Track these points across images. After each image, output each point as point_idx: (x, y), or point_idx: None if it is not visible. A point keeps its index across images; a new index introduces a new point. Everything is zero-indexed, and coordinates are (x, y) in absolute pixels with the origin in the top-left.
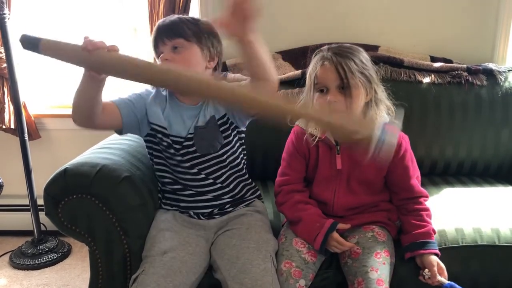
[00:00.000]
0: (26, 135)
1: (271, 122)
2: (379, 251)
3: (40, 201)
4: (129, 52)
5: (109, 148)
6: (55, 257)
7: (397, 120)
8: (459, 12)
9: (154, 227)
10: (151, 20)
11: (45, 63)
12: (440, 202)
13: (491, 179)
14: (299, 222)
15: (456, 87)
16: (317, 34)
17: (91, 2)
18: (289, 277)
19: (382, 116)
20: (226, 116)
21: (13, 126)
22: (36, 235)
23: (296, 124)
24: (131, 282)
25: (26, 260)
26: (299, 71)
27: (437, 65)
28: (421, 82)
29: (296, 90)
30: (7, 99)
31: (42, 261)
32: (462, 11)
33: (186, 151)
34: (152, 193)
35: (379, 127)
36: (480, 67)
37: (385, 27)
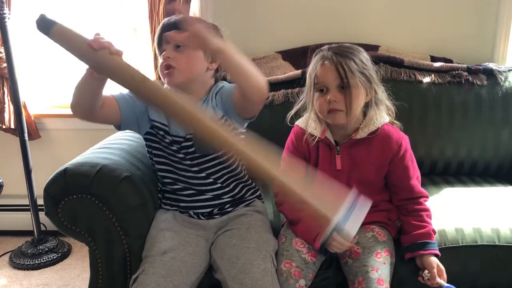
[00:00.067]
0: (26, 135)
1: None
2: (379, 251)
3: (40, 201)
4: (129, 51)
5: (109, 148)
6: (55, 257)
7: (362, 210)
8: (459, 12)
9: (154, 227)
10: (151, 20)
11: (45, 63)
12: (440, 202)
13: (491, 179)
14: (299, 222)
15: (456, 87)
16: (317, 34)
17: (91, 2)
18: (289, 277)
19: (382, 116)
20: (224, 117)
21: (13, 126)
22: (36, 235)
23: (296, 124)
24: (131, 282)
25: (26, 260)
26: (299, 71)
27: (437, 65)
28: (421, 82)
29: (296, 90)
30: (7, 99)
31: (42, 261)
32: (462, 11)
33: (186, 151)
34: (152, 193)
35: (343, 215)
36: (480, 67)
37: (385, 27)
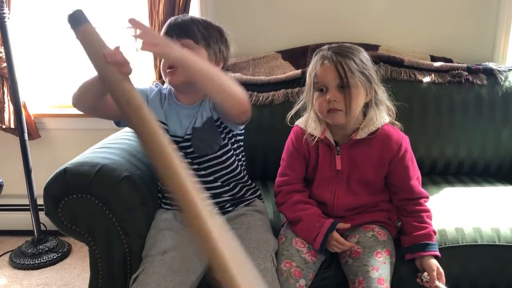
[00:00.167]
0: (26, 134)
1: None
2: (379, 251)
3: (40, 201)
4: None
5: (109, 148)
6: (55, 257)
7: None
8: (459, 11)
9: (154, 226)
10: (151, 20)
11: (45, 63)
12: (440, 202)
13: (491, 179)
14: (299, 222)
15: (456, 86)
16: (317, 34)
17: (91, 2)
18: (289, 277)
19: (382, 116)
20: (220, 120)
21: (13, 126)
22: (36, 234)
23: (296, 124)
24: (131, 281)
25: (26, 260)
26: (299, 71)
27: (437, 64)
28: (421, 82)
29: (296, 89)
30: (7, 98)
31: (42, 260)
32: (462, 10)
33: (185, 151)
34: (152, 193)
35: None
36: (480, 66)
37: (385, 27)
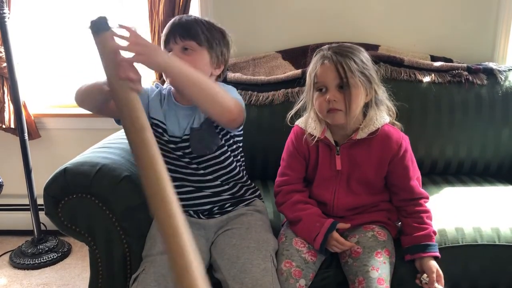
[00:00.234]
0: (26, 134)
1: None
2: (379, 251)
3: (40, 201)
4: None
5: (109, 148)
6: (55, 257)
7: None
8: (460, 11)
9: (154, 226)
10: (151, 20)
11: (45, 62)
12: (440, 202)
13: (491, 179)
14: (299, 222)
15: (457, 86)
16: (317, 33)
17: (91, 2)
18: (289, 276)
19: (383, 116)
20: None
21: (13, 126)
22: (36, 234)
23: (296, 124)
24: (131, 281)
25: (26, 259)
26: (299, 71)
27: (437, 64)
28: (421, 82)
29: (296, 89)
30: (7, 98)
31: (42, 260)
32: (463, 10)
33: (183, 151)
34: None
35: None
36: (481, 66)
37: (385, 27)
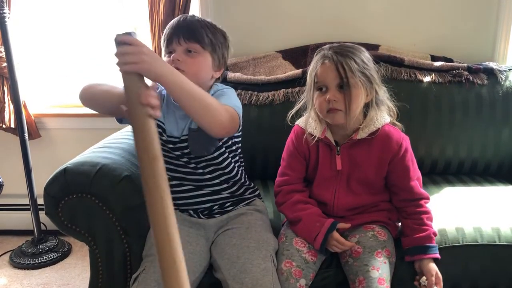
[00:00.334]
0: (26, 134)
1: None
2: (380, 250)
3: (40, 201)
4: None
5: (109, 147)
6: (55, 257)
7: None
8: (460, 11)
9: None
10: (151, 20)
11: (45, 62)
12: (441, 201)
13: (491, 178)
14: (299, 221)
15: (457, 86)
16: (317, 33)
17: (91, 2)
18: (289, 276)
19: (383, 116)
20: None
21: (13, 126)
22: (36, 234)
23: (296, 123)
24: (131, 281)
25: (26, 259)
26: (299, 70)
27: (437, 64)
28: (421, 81)
29: (297, 89)
30: (7, 98)
31: (42, 260)
32: (463, 10)
33: (181, 152)
34: None
35: None
36: (481, 66)
37: (385, 26)
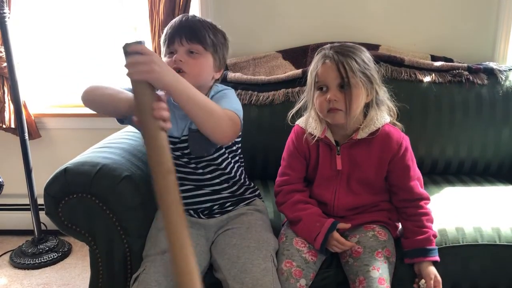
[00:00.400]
0: (26, 134)
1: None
2: (380, 250)
3: (40, 201)
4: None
5: (109, 148)
6: (55, 257)
7: None
8: (460, 11)
9: (155, 226)
10: (151, 19)
11: (45, 62)
12: (441, 201)
13: (491, 178)
14: (299, 221)
15: (457, 86)
16: (317, 33)
17: (91, 1)
18: (289, 276)
19: (383, 116)
20: None
21: (13, 126)
22: (36, 234)
23: (297, 123)
24: (132, 281)
25: (27, 259)
26: (299, 70)
27: (437, 64)
28: (421, 81)
29: (297, 89)
30: (7, 98)
31: (43, 260)
32: (463, 10)
33: (181, 152)
34: (152, 192)
35: None
36: (481, 66)
37: (386, 26)
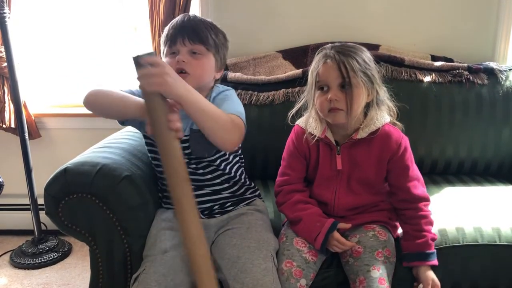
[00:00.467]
0: (27, 134)
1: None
2: (380, 250)
3: (40, 200)
4: (129, 50)
5: (109, 147)
6: (55, 256)
7: None
8: (460, 10)
9: (155, 226)
10: (151, 19)
11: (45, 62)
12: (441, 201)
13: (492, 178)
14: (299, 221)
15: (457, 86)
16: (317, 33)
17: (91, 2)
18: (290, 276)
19: (383, 116)
20: None
21: (13, 126)
22: (36, 234)
23: (297, 123)
24: (132, 281)
25: (27, 259)
26: (299, 70)
27: (438, 64)
28: (422, 81)
29: (297, 89)
30: (7, 98)
31: (43, 260)
32: (463, 9)
33: (183, 152)
34: (152, 192)
35: None
36: (481, 66)
37: (386, 26)
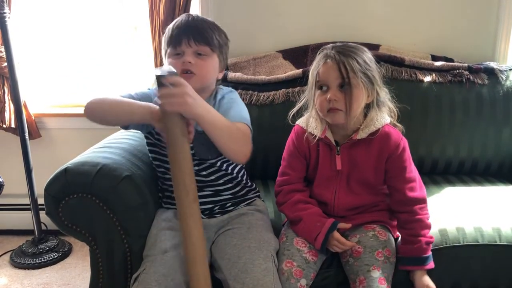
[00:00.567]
0: (27, 134)
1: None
2: (380, 250)
3: (40, 200)
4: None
5: (109, 147)
6: (55, 256)
7: None
8: (460, 10)
9: (155, 226)
10: (152, 19)
11: (45, 62)
12: (441, 201)
13: (492, 178)
14: (299, 221)
15: (457, 86)
16: (318, 33)
17: (91, 1)
18: (290, 276)
19: (383, 117)
20: None
21: (13, 125)
22: (36, 234)
23: (297, 123)
24: (132, 281)
25: (27, 259)
26: (300, 70)
27: (438, 64)
28: (422, 81)
29: (297, 89)
30: (7, 98)
31: (43, 260)
32: (463, 9)
33: None
34: (152, 192)
35: None
36: (481, 66)
37: (386, 26)
